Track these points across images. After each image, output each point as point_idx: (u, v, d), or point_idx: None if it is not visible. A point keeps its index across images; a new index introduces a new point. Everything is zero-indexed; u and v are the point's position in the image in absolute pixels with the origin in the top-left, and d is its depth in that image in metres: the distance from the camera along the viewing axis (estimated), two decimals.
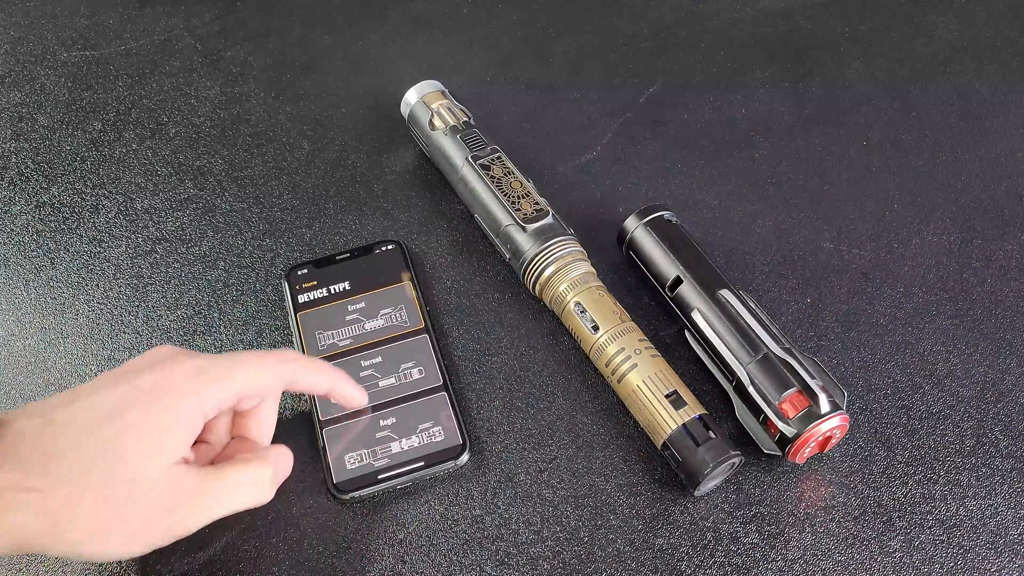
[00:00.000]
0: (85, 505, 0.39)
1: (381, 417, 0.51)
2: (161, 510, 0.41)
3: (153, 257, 0.60)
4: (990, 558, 0.47)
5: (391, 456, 0.50)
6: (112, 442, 0.40)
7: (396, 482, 0.49)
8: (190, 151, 0.66)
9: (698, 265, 0.53)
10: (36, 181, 0.65)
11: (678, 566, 0.47)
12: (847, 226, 0.61)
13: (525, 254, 0.55)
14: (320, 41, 0.74)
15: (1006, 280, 0.58)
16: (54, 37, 0.74)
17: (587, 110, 0.68)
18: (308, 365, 0.47)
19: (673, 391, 0.49)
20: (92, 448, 0.39)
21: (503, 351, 0.55)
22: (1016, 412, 0.52)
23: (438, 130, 0.61)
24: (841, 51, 0.72)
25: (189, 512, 0.42)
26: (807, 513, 0.48)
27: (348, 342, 0.54)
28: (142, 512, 0.40)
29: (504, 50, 0.73)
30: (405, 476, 0.49)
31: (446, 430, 0.51)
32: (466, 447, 0.50)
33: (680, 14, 0.75)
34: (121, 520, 0.40)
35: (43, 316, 0.57)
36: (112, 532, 0.40)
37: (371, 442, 0.50)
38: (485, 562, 0.47)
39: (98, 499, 0.39)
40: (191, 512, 0.42)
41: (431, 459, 0.49)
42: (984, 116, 0.67)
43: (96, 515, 0.39)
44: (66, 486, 0.38)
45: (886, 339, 0.55)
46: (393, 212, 0.62)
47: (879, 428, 0.51)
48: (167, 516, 0.41)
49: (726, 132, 0.66)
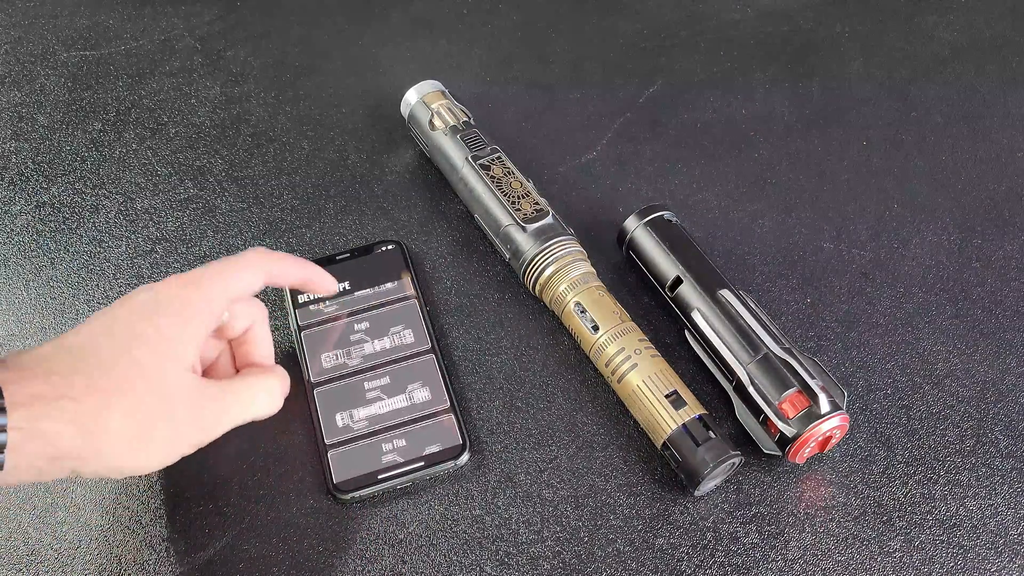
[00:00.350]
0: (117, 412, 0.40)
1: (381, 416, 0.51)
2: (187, 416, 0.43)
3: (153, 257, 0.60)
4: (990, 558, 0.47)
5: (391, 456, 0.49)
6: (129, 354, 0.41)
7: (396, 482, 0.49)
8: (190, 151, 0.66)
9: (698, 265, 0.53)
10: (36, 181, 0.65)
11: (678, 566, 0.47)
12: (847, 226, 0.61)
13: (525, 254, 0.55)
14: (320, 41, 0.74)
15: (1006, 280, 0.58)
16: (54, 37, 0.74)
17: (587, 110, 0.68)
18: (281, 256, 0.49)
19: (673, 391, 0.49)
20: (112, 362, 0.41)
21: (503, 351, 0.55)
22: (1016, 412, 0.52)
23: (438, 130, 0.61)
24: (841, 51, 0.72)
25: (212, 419, 0.44)
26: (807, 513, 0.48)
27: (348, 341, 0.54)
28: (169, 418, 0.42)
29: (504, 50, 0.73)
30: (405, 476, 0.49)
31: (446, 430, 0.51)
32: (466, 447, 0.50)
33: (680, 14, 0.75)
34: (151, 427, 0.41)
35: (43, 316, 0.57)
36: (144, 440, 0.41)
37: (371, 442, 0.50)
38: (485, 562, 0.47)
39: (128, 406, 0.40)
40: (214, 419, 0.45)
41: (431, 459, 0.49)
42: (984, 116, 0.67)
43: (128, 422, 0.40)
44: (95, 394, 0.40)
45: (886, 339, 0.55)
46: (393, 212, 0.62)
47: (879, 428, 0.51)
48: (193, 423, 0.43)
49: (726, 132, 0.66)
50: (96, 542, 0.48)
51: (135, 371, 0.41)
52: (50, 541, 0.48)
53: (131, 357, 0.41)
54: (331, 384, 0.52)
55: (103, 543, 0.48)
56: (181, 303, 0.44)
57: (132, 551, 0.47)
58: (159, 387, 0.42)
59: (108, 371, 0.40)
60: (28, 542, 0.48)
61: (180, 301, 0.44)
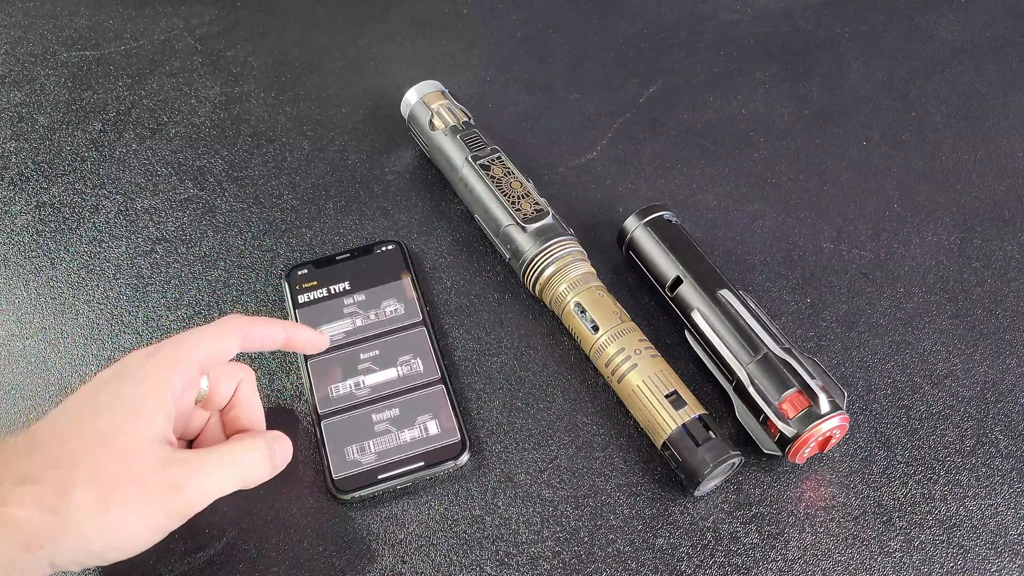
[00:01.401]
0: (80, 483, 0.39)
1: (381, 416, 0.51)
2: (159, 485, 0.40)
3: (153, 257, 0.60)
4: (990, 558, 0.47)
5: (391, 456, 0.49)
6: (92, 424, 0.40)
7: (396, 482, 0.49)
8: (190, 151, 0.66)
9: (698, 265, 0.53)
10: (36, 181, 0.65)
11: (678, 566, 0.47)
12: (847, 226, 0.61)
13: (525, 254, 0.55)
14: (320, 41, 0.74)
15: (1006, 280, 0.58)
16: (54, 37, 0.74)
17: (587, 110, 0.68)
18: (257, 320, 0.48)
19: (673, 391, 0.49)
20: (72, 435, 0.40)
21: (503, 351, 0.55)
22: (1016, 412, 0.52)
23: (438, 130, 0.61)
24: (841, 51, 0.72)
25: (190, 486, 0.41)
26: (807, 513, 0.48)
27: (348, 340, 0.54)
28: (138, 485, 0.40)
29: (504, 50, 0.73)
30: (405, 476, 0.49)
31: (446, 430, 0.51)
32: (466, 447, 0.50)
33: (680, 14, 0.75)
34: (118, 493, 0.39)
35: (43, 316, 0.57)
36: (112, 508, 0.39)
37: (371, 441, 0.50)
38: (485, 562, 0.47)
39: (90, 474, 0.39)
40: (193, 486, 0.42)
41: (431, 459, 0.49)
42: (984, 116, 0.67)
43: (91, 492, 0.39)
44: (56, 470, 0.39)
45: (886, 339, 0.55)
46: (393, 212, 0.62)
47: (879, 428, 0.51)
48: (167, 491, 0.41)
49: (726, 132, 0.66)
50: None
51: (97, 440, 0.40)
52: None
53: (94, 427, 0.40)
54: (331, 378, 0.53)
55: None
56: (145, 372, 0.43)
57: None
58: (124, 454, 0.40)
59: (69, 444, 0.40)
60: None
61: (144, 371, 0.43)
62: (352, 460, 0.49)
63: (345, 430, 0.51)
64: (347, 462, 0.49)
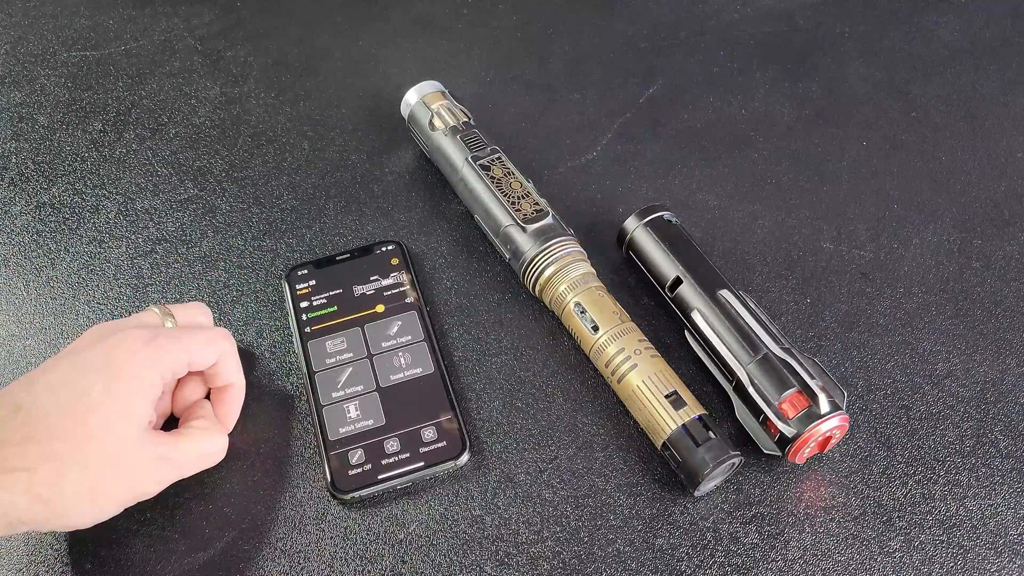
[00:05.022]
0: (71, 478, 0.41)
1: (382, 416, 0.51)
2: (139, 475, 0.44)
3: (153, 257, 0.60)
4: (990, 558, 0.47)
5: (391, 456, 0.49)
6: (83, 419, 0.42)
7: (396, 482, 0.49)
8: (190, 151, 0.66)
9: (698, 265, 0.53)
10: (36, 181, 0.65)
11: (678, 566, 0.47)
12: (847, 226, 0.61)
13: (525, 254, 0.55)
14: (320, 41, 0.74)
15: (1006, 280, 0.58)
16: (54, 37, 0.74)
17: (587, 110, 0.68)
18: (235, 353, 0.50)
19: (673, 391, 0.49)
20: (63, 429, 0.41)
21: (503, 351, 0.55)
22: (1016, 412, 0.52)
23: (438, 130, 0.61)
24: (841, 51, 0.72)
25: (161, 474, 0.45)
26: (807, 513, 0.48)
27: (348, 340, 0.54)
28: (123, 478, 0.43)
29: (504, 50, 0.73)
30: (405, 476, 0.49)
31: (446, 430, 0.51)
32: (466, 447, 0.50)
33: (680, 14, 0.75)
34: (105, 488, 0.43)
35: (43, 316, 0.57)
36: (98, 501, 0.43)
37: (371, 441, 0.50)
38: (485, 562, 0.47)
39: (81, 471, 0.41)
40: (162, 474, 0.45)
41: (431, 459, 0.49)
42: (984, 116, 0.67)
43: (82, 487, 0.41)
44: (49, 462, 0.40)
45: (886, 339, 0.55)
46: (393, 212, 0.62)
47: (879, 428, 0.51)
48: (145, 478, 0.45)
49: (726, 132, 0.66)
50: (96, 543, 0.47)
51: (88, 437, 0.42)
52: (51, 541, 0.48)
53: (85, 425, 0.42)
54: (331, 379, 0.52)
55: (103, 544, 0.47)
56: (136, 368, 0.44)
57: (132, 551, 0.47)
58: (113, 451, 0.42)
59: (60, 438, 0.41)
60: (28, 543, 0.48)
61: (135, 365, 0.44)
62: (352, 460, 0.49)
63: (345, 430, 0.51)
64: (347, 462, 0.49)
